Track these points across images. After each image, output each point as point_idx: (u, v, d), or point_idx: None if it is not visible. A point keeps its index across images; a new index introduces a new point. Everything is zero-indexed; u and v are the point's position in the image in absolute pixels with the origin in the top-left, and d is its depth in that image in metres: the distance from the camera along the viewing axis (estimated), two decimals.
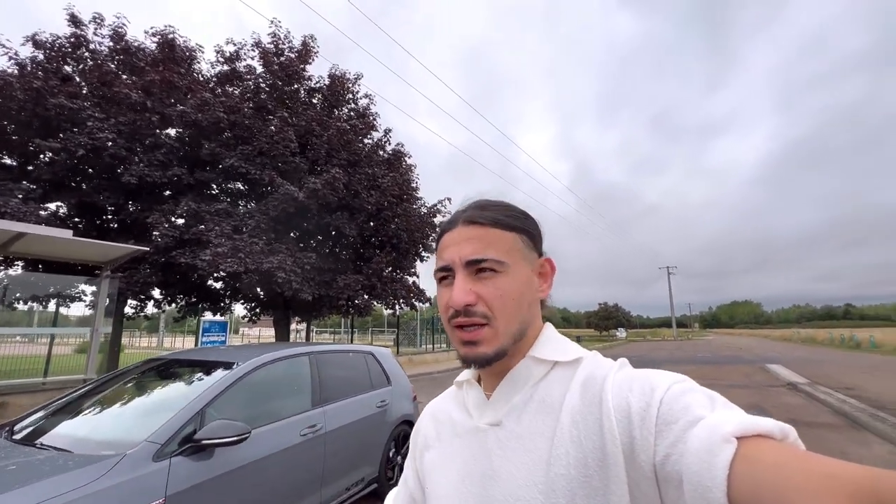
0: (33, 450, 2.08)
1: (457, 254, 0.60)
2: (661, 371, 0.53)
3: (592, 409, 0.51)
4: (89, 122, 9.25)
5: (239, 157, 10.26)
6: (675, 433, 0.43)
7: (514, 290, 0.59)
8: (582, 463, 0.49)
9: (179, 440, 2.17)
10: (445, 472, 0.63)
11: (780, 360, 18.76)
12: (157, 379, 2.91)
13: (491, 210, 0.63)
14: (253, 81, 12.16)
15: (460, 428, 0.65)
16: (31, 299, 10.59)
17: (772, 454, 0.38)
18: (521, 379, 0.60)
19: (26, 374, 7.44)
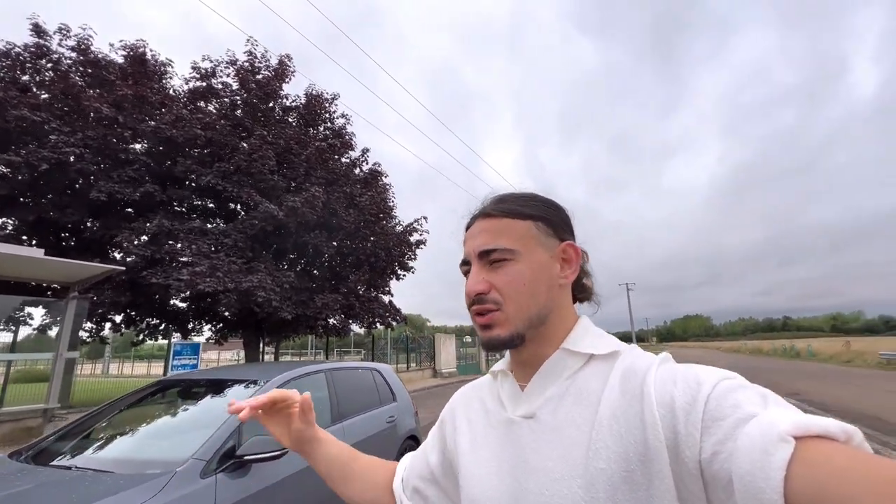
0: (74, 472, 2.05)
1: (471, 246, 0.64)
2: (708, 367, 0.51)
3: (633, 403, 0.50)
4: (53, 136, 8.82)
5: (215, 174, 10.07)
6: (725, 430, 0.41)
7: (524, 276, 0.59)
8: (623, 458, 0.47)
9: (221, 457, 2.21)
10: (475, 460, 0.63)
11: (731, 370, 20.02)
12: (177, 399, 2.88)
13: (508, 202, 0.65)
14: (229, 98, 12.03)
15: (493, 419, 0.64)
16: None
17: (834, 457, 0.35)
18: (555, 371, 0.60)
19: None
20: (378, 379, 4.04)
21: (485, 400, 0.69)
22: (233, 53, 12.37)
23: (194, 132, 9.92)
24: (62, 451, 2.34)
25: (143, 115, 10.33)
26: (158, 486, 1.90)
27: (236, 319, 12.11)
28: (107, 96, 9.97)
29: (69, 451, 2.34)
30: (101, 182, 9.14)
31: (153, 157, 10.39)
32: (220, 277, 8.59)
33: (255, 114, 12.02)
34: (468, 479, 0.62)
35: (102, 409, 2.89)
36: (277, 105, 12.92)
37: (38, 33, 10.45)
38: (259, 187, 10.47)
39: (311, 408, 0.76)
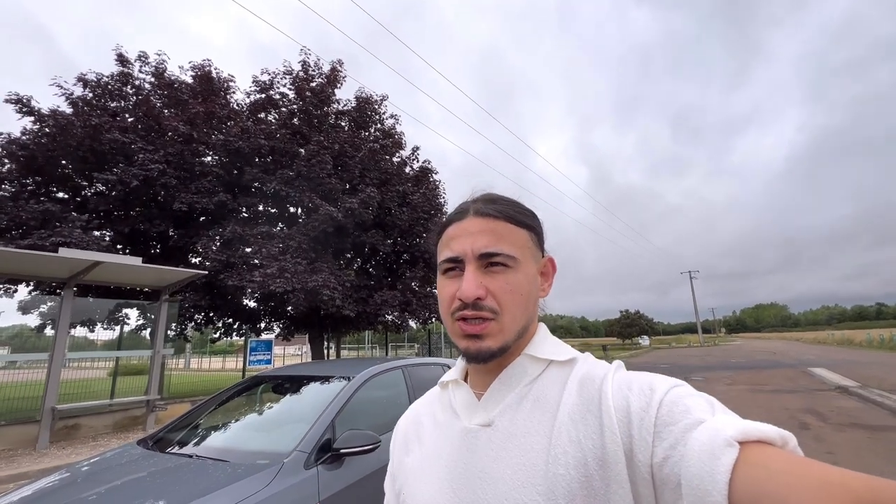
0: (193, 459, 2.26)
1: (469, 245, 0.58)
2: (659, 375, 0.52)
3: (591, 408, 0.51)
4: (140, 155, 9.78)
5: (279, 181, 10.67)
6: (675, 435, 0.43)
7: (522, 287, 0.58)
8: (581, 463, 0.48)
9: (318, 449, 2.33)
10: (429, 475, 0.60)
11: (821, 364, 18.22)
12: (274, 393, 3.10)
13: (502, 204, 0.62)
14: (287, 108, 12.67)
15: (446, 429, 0.62)
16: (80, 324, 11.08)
17: (774, 460, 0.38)
18: (515, 377, 0.59)
19: (93, 397, 7.77)
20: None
21: (436, 414, 0.67)
22: (289, 64, 13.01)
23: (258, 142, 10.56)
24: (180, 440, 2.59)
25: (212, 130, 11.17)
26: (271, 476, 2.04)
27: (302, 317, 12.84)
28: (181, 115, 10.89)
29: (186, 440, 2.59)
30: (181, 194, 9.99)
31: (223, 168, 11.21)
32: (288, 278, 9.12)
33: (311, 120, 12.58)
34: (418, 495, 0.60)
35: (208, 402, 3.16)
36: (331, 110, 13.43)
37: (122, 62, 11.58)
38: (318, 191, 10.96)
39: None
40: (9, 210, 8.83)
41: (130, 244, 11.40)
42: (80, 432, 6.99)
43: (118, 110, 11.23)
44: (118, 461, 2.37)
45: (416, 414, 0.71)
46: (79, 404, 7.02)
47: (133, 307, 10.92)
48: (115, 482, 2.05)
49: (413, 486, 0.61)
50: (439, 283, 0.62)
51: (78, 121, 9.67)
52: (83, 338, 10.97)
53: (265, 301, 11.76)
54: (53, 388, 6.36)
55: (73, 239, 8.26)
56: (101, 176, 9.42)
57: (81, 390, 8.13)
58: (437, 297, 0.63)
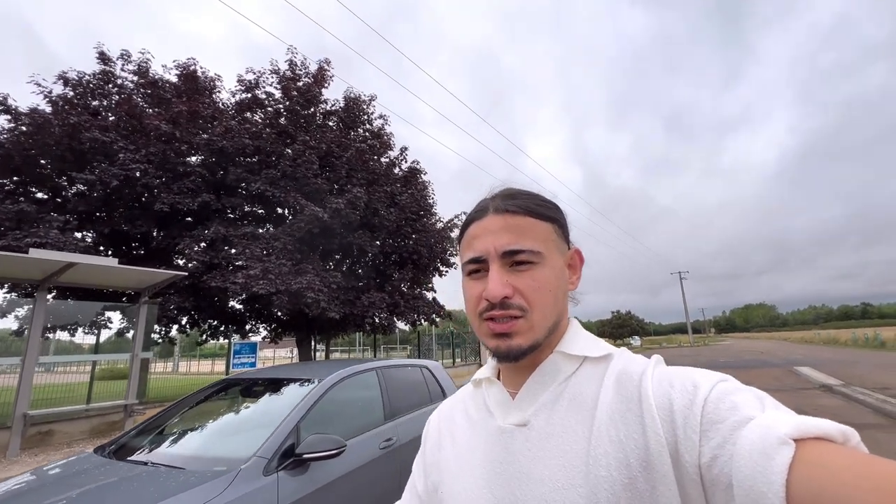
0: (149, 468, 2.17)
1: (492, 244, 0.57)
2: (703, 369, 0.50)
3: (632, 407, 0.49)
4: (121, 154, 9.58)
5: (264, 180, 10.52)
6: (723, 434, 0.41)
7: (550, 282, 0.56)
8: (624, 464, 0.46)
9: (281, 455, 2.25)
10: (466, 475, 0.59)
11: (807, 363, 18.43)
12: (240, 397, 3.00)
13: (522, 199, 0.60)
14: (273, 108, 12.53)
15: (481, 428, 0.61)
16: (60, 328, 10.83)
17: (834, 458, 0.35)
18: (549, 375, 0.57)
19: (66, 402, 7.57)
20: (427, 376, 4.02)
21: (469, 411, 0.66)
22: (275, 63, 12.86)
23: (243, 142, 10.42)
24: (139, 447, 2.49)
25: (196, 129, 10.99)
26: (225, 483, 1.96)
27: (289, 319, 12.68)
28: (164, 114, 10.70)
29: (145, 446, 2.49)
30: (163, 195, 9.81)
31: (207, 168, 11.03)
32: (272, 280, 8.98)
33: (298, 120, 12.44)
34: (456, 496, 0.58)
35: (174, 407, 3.06)
36: (318, 110, 13.30)
37: (104, 60, 11.36)
38: (304, 191, 10.83)
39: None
40: None
41: (112, 245, 11.17)
42: (55, 438, 6.80)
43: (100, 109, 11.01)
44: (69, 471, 2.26)
45: (450, 410, 0.71)
46: (52, 410, 6.83)
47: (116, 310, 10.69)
48: (58, 496, 1.94)
49: (451, 485, 0.60)
50: (465, 285, 0.60)
51: (56, 119, 9.46)
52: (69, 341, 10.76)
53: (251, 303, 11.59)
54: (25, 393, 6.18)
55: (49, 240, 8.06)
56: (81, 176, 9.22)
57: (60, 395, 7.92)
58: (464, 299, 0.61)
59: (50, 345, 10.74)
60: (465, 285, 0.60)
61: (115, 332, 11.14)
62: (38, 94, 10.23)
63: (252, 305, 11.67)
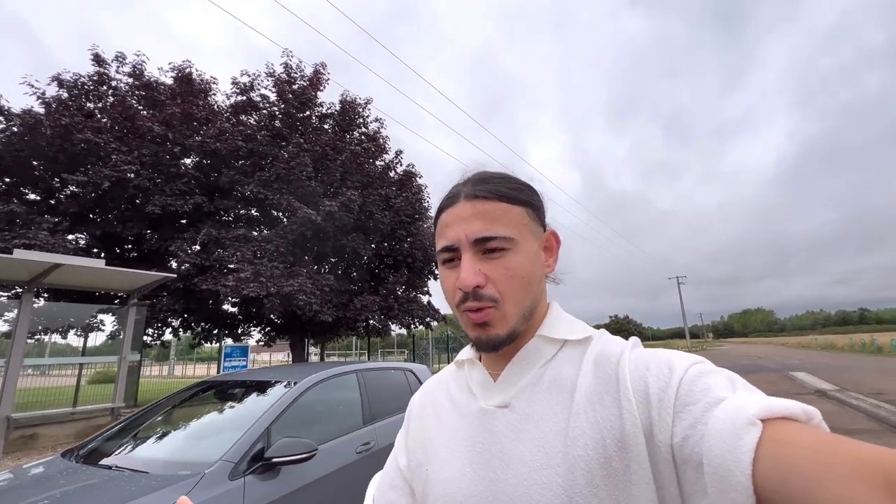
0: (113, 472, 2.12)
1: (463, 231, 0.56)
2: (678, 351, 0.51)
3: (609, 389, 0.50)
4: (113, 156, 9.55)
5: (257, 183, 10.49)
6: (695, 414, 0.42)
7: (524, 269, 0.56)
8: (600, 444, 0.47)
9: (249, 459, 2.20)
10: (447, 454, 0.60)
11: (803, 368, 18.40)
12: (215, 400, 2.95)
13: (494, 183, 0.59)
14: (268, 110, 12.52)
15: (463, 409, 0.62)
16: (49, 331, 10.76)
17: (799, 437, 0.36)
18: (530, 358, 0.58)
19: (55, 405, 7.48)
20: (412, 380, 3.97)
21: (452, 392, 0.66)
22: (271, 66, 12.86)
23: (236, 144, 10.39)
24: (108, 451, 2.44)
25: (190, 131, 10.97)
26: (188, 488, 1.91)
27: (282, 322, 12.61)
28: (158, 115, 10.67)
29: (114, 450, 2.44)
30: (155, 196, 9.77)
31: (201, 171, 11.01)
32: (263, 282, 8.93)
33: (293, 123, 12.44)
34: (440, 474, 0.59)
35: (148, 409, 3.00)
36: (314, 113, 13.30)
37: (99, 62, 11.35)
38: (298, 194, 10.80)
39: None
40: None
41: (105, 248, 11.09)
42: (39, 442, 6.71)
43: (94, 111, 10.98)
44: (30, 476, 2.21)
45: (434, 389, 0.71)
46: (36, 413, 6.74)
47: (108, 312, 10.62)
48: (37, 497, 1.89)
49: (435, 463, 0.61)
50: (441, 275, 0.60)
51: (48, 120, 9.43)
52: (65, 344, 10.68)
53: (244, 306, 11.53)
54: (9, 396, 6.10)
55: (37, 241, 8.00)
56: (71, 177, 9.18)
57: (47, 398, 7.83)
58: (442, 290, 0.60)
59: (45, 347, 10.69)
60: (441, 276, 0.60)
61: (108, 334, 11.07)
62: (30, 94, 10.21)
63: (245, 308, 11.60)
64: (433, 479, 0.60)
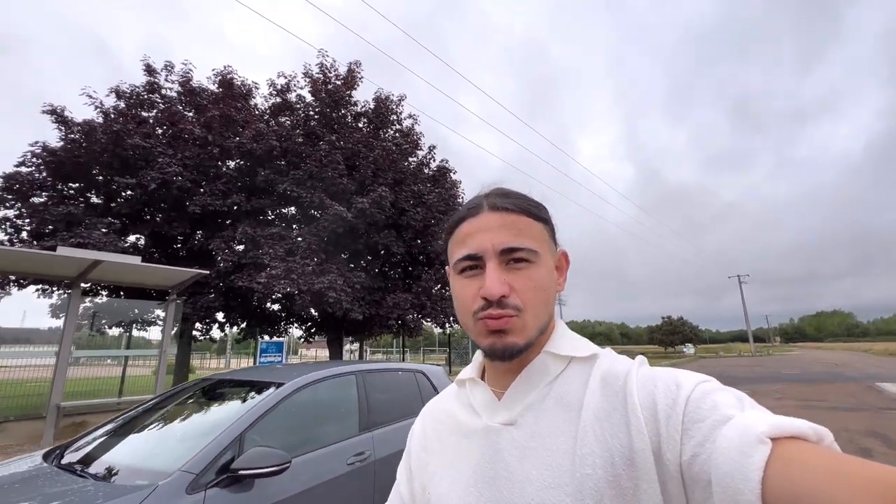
0: (72, 478, 1.97)
1: (489, 241, 0.56)
2: (685, 370, 0.51)
3: (617, 406, 0.49)
4: (160, 159, 10.05)
5: (291, 181, 10.65)
6: (703, 432, 0.42)
7: (545, 282, 0.57)
8: (609, 463, 0.46)
9: (216, 469, 1.98)
10: (450, 475, 0.59)
11: (891, 378, 16.18)
12: (202, 400, 2.79)
13: (515, 198, 0.60)
14: (303, 110, 12.73)
15: (467, 428, 0.61)
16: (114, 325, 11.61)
17: (809, 457, 0.36)
18: (537, 375, 0.57)
19: (103, 395, 7.93)
20: (423, 383, 3.65)
21: (454, 412, 0.65)
22: (307, 66, 13.09)
23: (271, 144, 10.60)
24: (81, 453, 2.32)
25: (229, 134, 11.35)
26: (135, 502, 1.70)
27: (320, 319, 12.79)
28: (199, 119, 11.13)
29: (88, 453, 2.32)
30: (195, 197, 10.16)
31: (239, 171, 11.36)
32: (294, 280, 9.00)
33: (328, 122, 12.56)
34: (443, 495, 0.58)
35: (140, 407, 2.91)
36: (348, 112, 13.37)
37: (150, 72, 12.05)
38: (330, 191, 10.85)
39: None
40: (39, 213, 9.30)
41: (157, 246, 11.76)
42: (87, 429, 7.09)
43: (147, 118, 11.66)
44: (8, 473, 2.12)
45: (435, 411, 0.70)
46: (84, 402, 7.14)
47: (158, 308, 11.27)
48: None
49: (438, 485, 0.60)
50: (456, 284, 0.60)
51: (103, 128, 10.07)
52: (140, 337, 11.60)
53: (284, 303, 11.80)
54: (59, 385, 6.47)
55: (91, 240, 8.52)
56: (122, 180, 9.74)
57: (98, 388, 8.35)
58: (453, 299, 0.61)
59: (120, 340, 11.59)
60: (456, 284, 0.60)
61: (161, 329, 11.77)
62: (88, 105, 10.98)
63: (286, 305, 11.87)
64: (435, 501, 0.59)
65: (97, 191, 11.23)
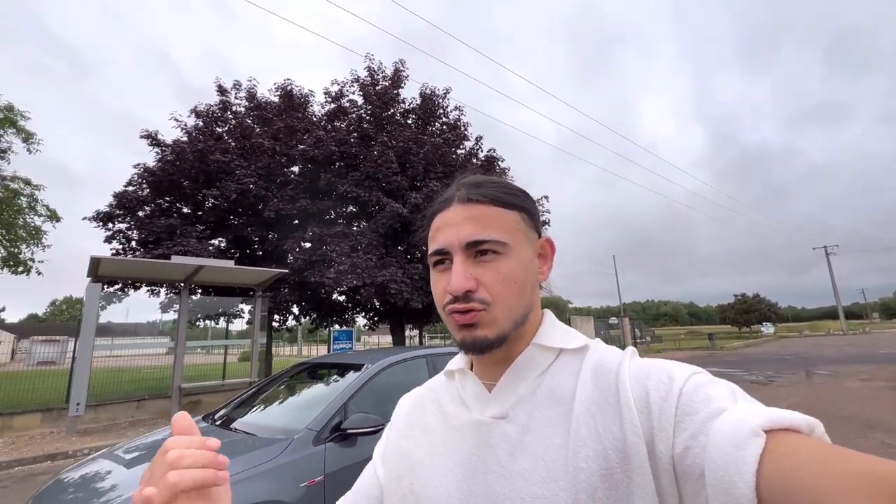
0: (231, 433, 2.70)
1: (455, 235, 0.55)
2: (677, 362, 0.50)
3: (609, 399, 0.49)
4: (237, 171, 11.30)
5: (350, 182, 11.51)
6: (696, 425, 0.42)
7: (516, 274, 0.55)
8: (602, 456, 0.46)
9: (330, 429, 2.60)
10: (440, 467, 0.58)
11: None
12: (307, 379, 3.50)
13: (488, 187, 0.58)
14: (356, 114, 13.54)
15: (455, 421, 0.60)
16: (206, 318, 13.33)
17: (803, 449, 0.36)
18: (526, 367, 0.57)
19: (209, 378, 9.33)
20: None
21: (442, 403, 0.64)
22: (355, 72, 13.86)
23: (330, 149, 11.50)
24: (229, 416, 3.08)
25: (293, 142, 12.42)
26: (281, 449, 2.36)
27: (382, 309, 13.76)
28: (267, 131, 12.28)
29: (233, 416, 3.07)
30: (270, 203, 11.33)
31: (304, 176, 12.42)
32: (359, 273, 9.86)
33: (379, 122, 13.28)
34: (429, 488, 0.57)
35: (263, 384, 3.67)
36: (396, 110, 14.01)
37: (222, 92, 13.42)
38: (385, 189, 11.58)
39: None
40: (146, 226, 10.93)
41: (237, 248, 13.26)
42: (201, 407, 8.45)
43: (222, 134, 13.07)
44: None
45: (420, 399, 0.69)
46: (197, 384, 8.47)
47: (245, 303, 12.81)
48: None
49: (423, 476, 0.59)
50: (432, 279, 0.59)
51: (189, 147, 11.50)
52: (222, 328, 13.29)
53: (349, 295, 12.87)
54: (178, 370, 7.78)
55: (188, 247, 9.91)
56: (209, 192, 11.10)
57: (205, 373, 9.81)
58: (433, 293, 0.60)
59: (207, 332, 13.35)
60: (432, 279, 0.59)
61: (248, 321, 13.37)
62: (175, 127, 12.53)
63: (351, 297, 12.94)
64: (420, 494, 0.57)
65: (186, 202, 12.86)
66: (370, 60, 13.65)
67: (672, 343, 38.51)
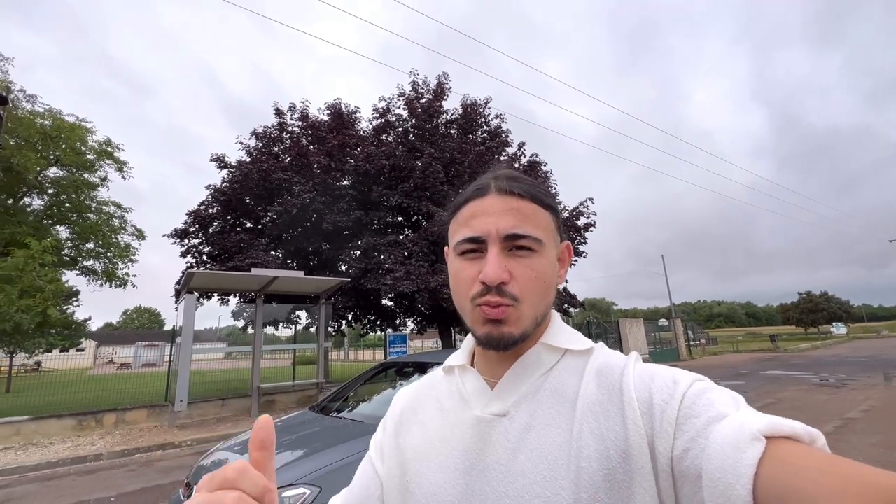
0: (343, 420, 3.17)
1: (494, 225, 0.54)
2: (681, 369, 0.51)
3: (613, 400, 0.49)
4: (296, 188, 12.20)
5: (400, 193, 12.11)
6: (697, 428, 0.42)
7: (546, 273, 0.55)
8: (604, 456, 0.46)
9: None
10: (437, 463, 0.57)
11: None
12: (393, 375, 3.95)
13: (526, 183, 0.58)
14: (402, 127, 14.19)
15: (454, 418, 0.59)
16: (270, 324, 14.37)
17: (802, 457, 0.36)
18: (531, 366, 0.56)
19: (281, 380, 10.15)
20: None
21: (441, 399, 0.63)
22: (401, 87, 14.56)
23: (381, 163, 12.16)
24: (333, 408, 3.56)
25: (345, 157, 13.22)
26: None
27: (431, 313, 14.25)
28: (321, 148, 13.14)
29: (337, 408, 3.55)
30: (326, 216, 12.14)
31: (356, 189, 13.17)
32: (413, 280, 10.38)
33: (424, 135, 13.85)
34: (426, 485, 0.56)
35: (351, 382, 4.15)
36: (440, 122, 14.55)
37: (279, 114, 14.50)
38: (433, 198, 12.08)
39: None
40: (219, 241, 12.03)
41: (296, 259, 14.23)
42: (276, 405, 9.23)
43: (279, 153, 14.13)
44: (300, 420, 3.42)
45: (417, 395, 0.68)
46: (272, 384, 9.27)
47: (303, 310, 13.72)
48: (301, 432, 3.05)
49: (420, 472, 0.58)
50: (454, 265, 0.58)
51: (253, 167, 12.55)
52: (283, 335, 14.27)
53: (399, 300, 13.46)
54: (256, 372, 8.57)
55: (258, 260, 10.83)
56: (271, 208, 12.06)
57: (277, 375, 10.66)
58: (451, 280, 0.59)
59: (271, 338, 14.42)
60: (455, 266, 0.58)
61: (304, 326, 14.31)
62: (241, 150, 13.70)
63: (400, 302, 13.53)
64: (416, 491, 0.57)
65: (249, 217, 13.99)
66: (414, 75, 14.31)
67: (730, 345, 36.48)
